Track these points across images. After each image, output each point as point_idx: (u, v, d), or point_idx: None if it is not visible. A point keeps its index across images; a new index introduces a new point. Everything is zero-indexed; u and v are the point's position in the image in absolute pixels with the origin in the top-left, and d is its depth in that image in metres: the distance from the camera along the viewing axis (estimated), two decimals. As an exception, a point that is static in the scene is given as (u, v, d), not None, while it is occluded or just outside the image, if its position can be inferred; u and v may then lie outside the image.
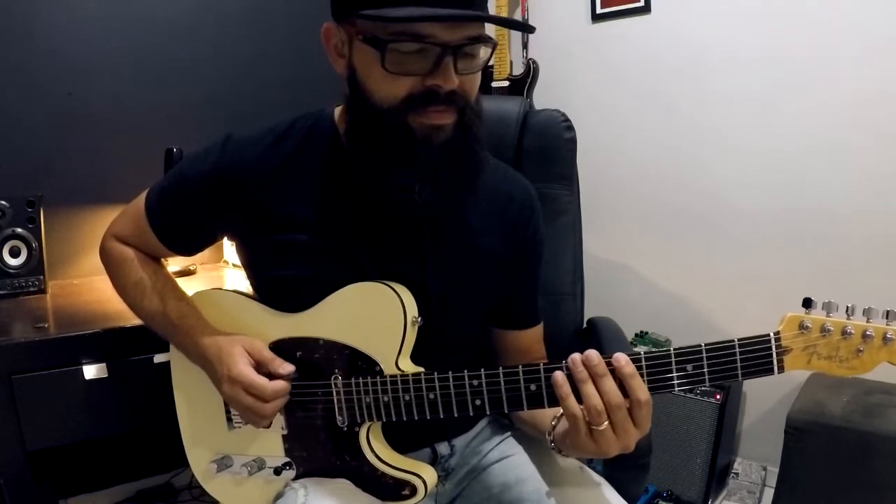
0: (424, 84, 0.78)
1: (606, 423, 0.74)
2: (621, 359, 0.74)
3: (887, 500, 1.51)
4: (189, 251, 1.03)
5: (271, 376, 0.87)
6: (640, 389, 0.74)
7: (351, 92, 0.84)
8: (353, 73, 0.82)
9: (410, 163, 0.80)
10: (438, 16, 0.74)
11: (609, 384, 0.74)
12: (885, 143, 1.73)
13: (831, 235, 1.85)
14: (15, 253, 1.62)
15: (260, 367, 0.88)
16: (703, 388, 1.89)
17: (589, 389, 0.74)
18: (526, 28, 0.83)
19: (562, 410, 0.80)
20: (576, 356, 0.75)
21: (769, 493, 1.87)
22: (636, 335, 2.14)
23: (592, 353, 0.75)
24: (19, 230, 1.62)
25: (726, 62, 1.98)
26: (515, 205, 0.98)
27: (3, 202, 1.60)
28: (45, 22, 1.78)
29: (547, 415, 0.86)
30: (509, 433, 1.06)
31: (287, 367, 0.88)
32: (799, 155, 1.88)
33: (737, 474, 2.00)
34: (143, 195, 1.01)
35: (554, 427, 0.83)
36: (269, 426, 0.93)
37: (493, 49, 0.81)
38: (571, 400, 0.75)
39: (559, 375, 0.75)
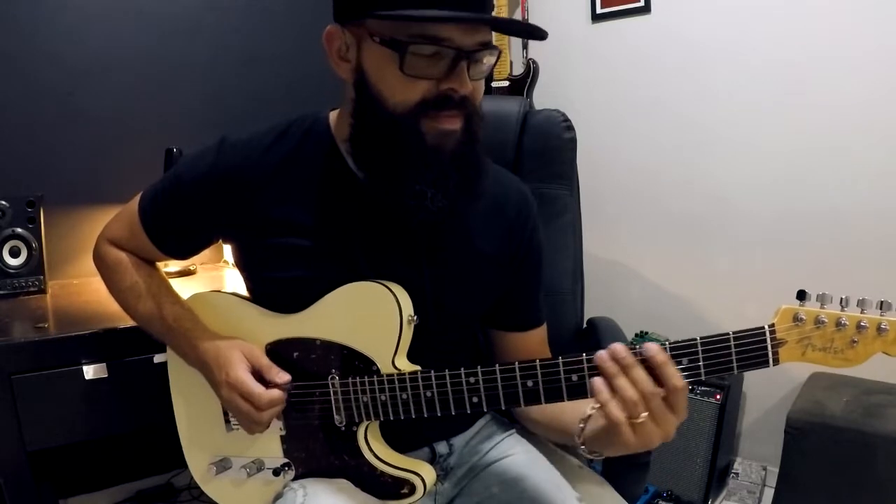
0: (439, 88, 0.78)
1: (646, 413, 0.72)
2: (652, 348, 0.73)
3: (887, 500, 1.51)
4: (184, 255, 1.03)
5: (268, 384, 0.87)
6: (675, 377, 0.72)
7: (358, 96, 0.83)
8: (361, 76, 0.82)
9: (423, 169, 0.80)
10: (462, 18, 0.74)
11: (640, 374, 0.72)
12: (885, 143, 1.73)
13: (831, 236, 1.84)
14: (15, 253, 1.62)
15: (257, 373, 0.88)
16: (702, 388, 1.89)
17: (622, 382, 0.73)
18: (538, 35, 0.81)
19: (587, 413, 0.80)
20: (602, 353, 0.74)
21: (769, 493, 1.87)
22: (636, 335, 2.14)
23: (619, 346, 0.74)
24: (19, 230, 1.62)
25: (726, 62, 1.98)
26: (512, 207, 0.98)
27: (3, 202, 1.60)
28: (46, 22, 1.79)
29: (571, 418, 0.85)
30: (509, 432, 1.06)
31: (283, 377, 0.88)
32: (799, 155, 1.88)
33: (737, 474, 2.00)
34: (137, 198, 1.00)
35: (583, 429, 0.82)
36: (263, 432, 0.93)
37: (498, 57, 0.82)
38: (612, 404, 0.73)
39: (598, 382, 0.74)
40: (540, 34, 0.80)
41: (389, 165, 0.81)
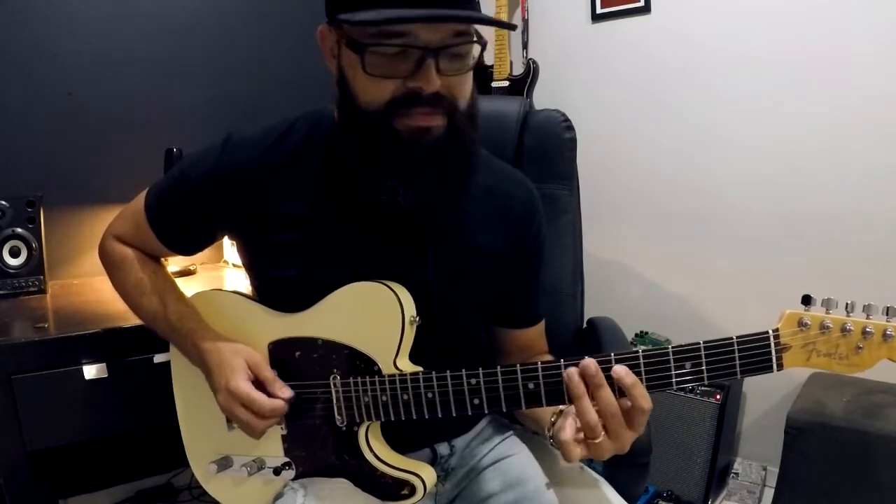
0: (406, 86, 0.77)
1: (603, 434, 0.74)
2: (620, 370, 0.74)
3: (887, 500, 1.51)
4: (189, 251, 1.03)
5: (269, 396, 0.87)
6: (644, 398, 0.73)
7: (340, 94, 0.84)
8: (341, 75, 0.83)
9: (394, 166, 0.80)
10: (405, 17, 0.72)
11: (605, 394, 0.74)
12: (885, 144, 1.73)
13: (832, 236, 1.84)
14: (15, 253, 1.62)
15: (259, 385, 0.88)
16: (702, 388, 1.89)
17: (584, 405, 0.74)
18: (507, 25, 0.84)
19: (561, 408, 0.81)
20: (572, 372, 0.75)
21: (769, 493, 1.87)
22: (636, 335, 2.14)
23: (590, 364, 0.74)
24: (19, 230, 1.62)
25: (726, 62, 1.97)
26: (518, 204, 0.98)
27: (3, 202, 1.60)
28: (46, 22, 1.79)
29: (547, 412, 0.86)
30: (510, 433, 1.06)
31: (287, 392, 0.87)
32: (798, 155, 1.88)
33: (737, 474, 2.00)
34: (143, 195, 1.01)
35: (553, 423, 0.83)
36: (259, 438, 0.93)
37: (483, 48, 0.80)
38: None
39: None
40: (509, 26, 0.83)
41: (364, 161, 0.82)
